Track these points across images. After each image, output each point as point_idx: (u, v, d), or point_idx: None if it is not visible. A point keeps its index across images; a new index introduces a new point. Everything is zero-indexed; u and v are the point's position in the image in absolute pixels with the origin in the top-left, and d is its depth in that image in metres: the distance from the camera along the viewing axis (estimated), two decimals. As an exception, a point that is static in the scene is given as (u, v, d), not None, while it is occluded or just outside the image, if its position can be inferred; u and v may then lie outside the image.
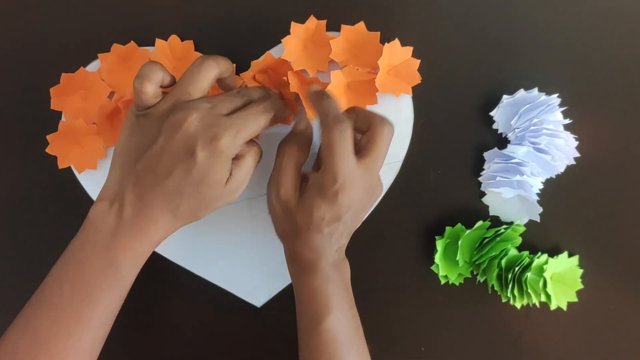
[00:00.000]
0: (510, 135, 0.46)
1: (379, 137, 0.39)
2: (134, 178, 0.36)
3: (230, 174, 0.37)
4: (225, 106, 0.37)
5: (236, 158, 0.37)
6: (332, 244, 0.40)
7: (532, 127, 0.45)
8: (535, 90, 0.46)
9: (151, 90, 0.37)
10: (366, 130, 0.40)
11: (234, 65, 0.46)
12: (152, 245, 0.38)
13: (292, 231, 0.40)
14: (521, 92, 0.46)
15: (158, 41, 0.46)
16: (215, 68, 0.37)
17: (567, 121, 0.46)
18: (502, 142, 0.48)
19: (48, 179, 0.47)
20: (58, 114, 0.46)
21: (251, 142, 0.39)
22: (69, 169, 0.47)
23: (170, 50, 0.46)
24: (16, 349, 0.37)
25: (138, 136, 0.37)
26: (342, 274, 0.42)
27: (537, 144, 0.45)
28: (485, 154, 0.47)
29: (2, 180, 0.49)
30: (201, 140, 0.35)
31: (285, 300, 0.49)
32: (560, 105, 0.46)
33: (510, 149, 0.46)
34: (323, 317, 0.40)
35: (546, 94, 0.46)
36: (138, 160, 0.36)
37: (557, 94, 0.46)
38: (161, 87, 0.38)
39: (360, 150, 0.39)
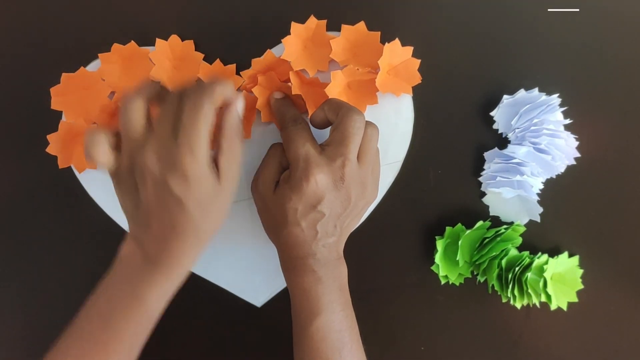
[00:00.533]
0: (510, 136, 0.47)
1: (342, 124, 0.39)
2: (142, 227, 0.37)
3: (218, 175, 0.37)
4: (166, 124, 0.35)
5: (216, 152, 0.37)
6: (317, 240, 0.40)
7: (533, 127, 0.45)
8: (535, 91, 0.46)
9: (105, 159, 0.37)
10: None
11: (234, 64, 0.46)
12: (178, 277, 0.39)
13: (274, 227, 0.41)
14: (521, 92, 0.46)
15: (158, 41, 0.46)
16: (139, 99, 0.36)
17: (568, 121, 0.46)
18: (502, 142, 0.48)
19: (48, 178, 0.47)
20: (58, 114, 0.47)
21: (220, 127, 0.37)
22: (69, 169, 0.47)
23: (171, 50, 0.46)
24: None
25: (125, 194, 0.38)
26: (336, 275, 0.41)
27: (537, 144, 0.45)
28: (486, 154, 0.47)
29: (2, 180, 0.49)
30: (169, 177, 0.35)
31: (285, 300, 0.49)
32: (561, 105, 0.46)
33: (510, 149, 0.46)
34: (314, 318, 0.40)
35: (546, 94, 0.46)
36: (137, 214, 0.37)
37: (557, 94, 0.46)
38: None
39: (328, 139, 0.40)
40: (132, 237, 0.39)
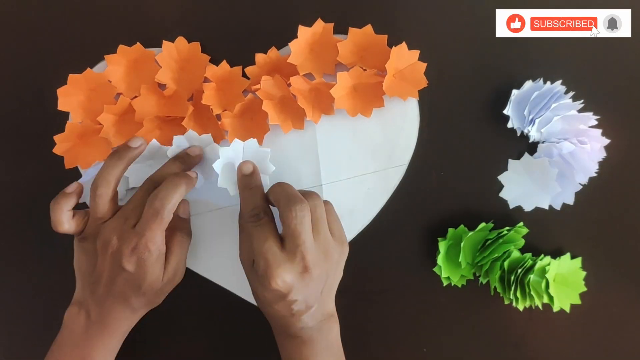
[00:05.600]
0: (531, 130, 0.47)
1: (284, 220, 0.41)
2: (90, 288, 0.44)
3: (165, 268, 0.44)
4: (133, 217, 0.43)
5: (167, 250, 0.44)
6: (295, 316, 0.42)
7: (555, 117, 0.46)
8: (540, 81, 0.48)
9: (67, 226, 0.44)
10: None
11: (240, 66, 0.47)
12: (120, 336, 0.45)
13: (256, 298, 0.44)
14: (529, 84, 0.48)
15: (165, 43, 0.47)
16: (108, 186, 0.43)
17: (580, 104, 0.47)
18: (511, 143, 0.49)
19: (55, 179, 0.48)
20: (65, 115, 0.48)
21: (177, 227, 0.45)
22: (75, 169, 0.49)
23: (177, 52, 0.48)
24: None
25: (84, 257, 0.45)
26: (322, 335, 0.43)
27: (584, 142, 0.47)
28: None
29: (9, 180, 0.50)
30: (125, 256, 0.41)
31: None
32: (566, 92, 0.48)
33: (557, 147, 0.48)
34: None
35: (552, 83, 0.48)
36: (89, 274, 0.44)
37: (560, 81, 0.47)
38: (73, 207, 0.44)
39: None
40: (76, 302, 0.45)
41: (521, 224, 0.48)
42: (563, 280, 0.49)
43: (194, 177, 0.44)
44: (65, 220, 0.43)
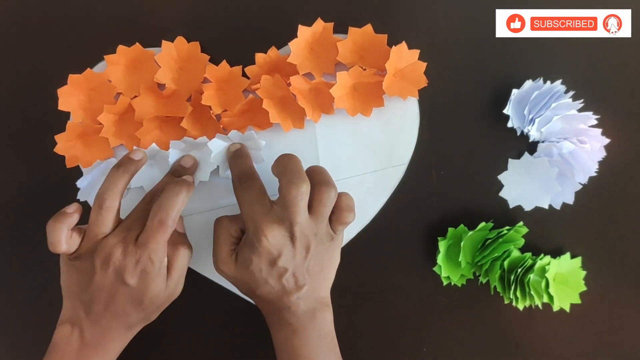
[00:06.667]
0: (531, 129, 0.48)
1: (281, 193, 0.41)
2: (84, 308, 0.42)
3: (167, 282, 0.43)
4: (135, 229, 0.42)
5: (169, 264, 0.43)
6: (288, 294, 0.41)
7: (555, 117, 0.46)
8: (540, 81, 0.48)
9: (66, 247, 0.41)
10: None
11: (240, 66, 0.47)
12: (113, 357, 0.44)
13: (248, 292, 0.43)
14: (529, 83, 0.48)
15: (164, 43, 0.47)
16: (115, 199, 0.42)
17: (580, 104, 0.48)
18: (513, 142, 0.49)
19: (56, 178, 0.49)
20: (66, 115, 0.48)
21: (177, 242, 0.44)
22: (76, 168, 0.49)
23: (177, 52, 0.48)
24: None
25: (76, 275, 0.43)
26: (314, 325, 0.43)
27: (583, 142, 0.47)
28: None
29: (10, 180, 0.50)
30: (128, 270, 0.41)
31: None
32: (566, 92, 0.48)
33: (555, 146, 0.48)
34: None
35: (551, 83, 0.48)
36: (82, 293, 0.42)
37: (559, 81, 0.48)
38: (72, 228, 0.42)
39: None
40: (67, 321, 0.43)
41: (521, 223, 0.49)
42: (563, 280, 0.49)
43: (191, 182, 0.44)
44: (64, 240, 0.41)
